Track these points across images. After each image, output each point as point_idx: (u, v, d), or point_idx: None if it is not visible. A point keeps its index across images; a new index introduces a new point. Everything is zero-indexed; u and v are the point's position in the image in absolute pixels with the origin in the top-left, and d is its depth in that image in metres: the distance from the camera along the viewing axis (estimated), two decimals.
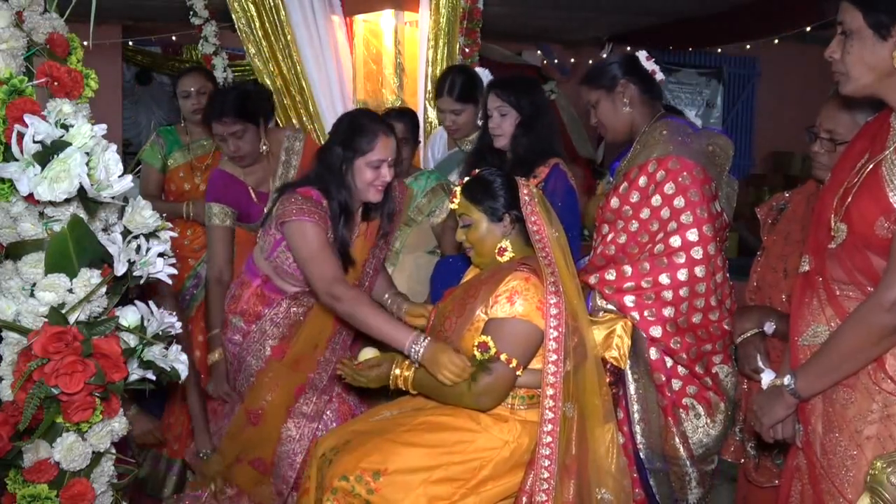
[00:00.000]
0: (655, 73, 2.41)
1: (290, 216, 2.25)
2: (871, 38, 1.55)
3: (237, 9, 4.04)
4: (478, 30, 4.13)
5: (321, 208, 2.29)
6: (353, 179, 2.32)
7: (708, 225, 2.19)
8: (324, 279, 2.22)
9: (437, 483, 1.96)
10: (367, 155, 2.29)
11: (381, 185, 2.33)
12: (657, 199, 2.22)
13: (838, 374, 1.61)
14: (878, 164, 1.56)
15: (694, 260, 2.18)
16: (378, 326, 2.13)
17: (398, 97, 4.12)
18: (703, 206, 2.20)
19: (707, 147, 2.30)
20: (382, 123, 2.36)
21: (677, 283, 2.18)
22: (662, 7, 6.20)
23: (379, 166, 2.31)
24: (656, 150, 2.26)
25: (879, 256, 1.55)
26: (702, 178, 2.22)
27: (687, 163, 2.22)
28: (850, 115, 1.96)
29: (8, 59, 1.50)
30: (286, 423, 2.42)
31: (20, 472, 1.55)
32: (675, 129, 2.30)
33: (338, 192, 2.31)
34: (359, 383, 2.17)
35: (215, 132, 2.77)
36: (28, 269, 1.51)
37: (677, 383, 2.24)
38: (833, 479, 1.61)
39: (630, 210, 2.27)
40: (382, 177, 2.31)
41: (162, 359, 1.66)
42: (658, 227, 2.22)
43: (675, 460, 2.25)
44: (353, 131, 2.32)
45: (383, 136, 2.31)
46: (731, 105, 8.98)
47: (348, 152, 2.30)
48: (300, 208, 2.25)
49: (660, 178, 2.23)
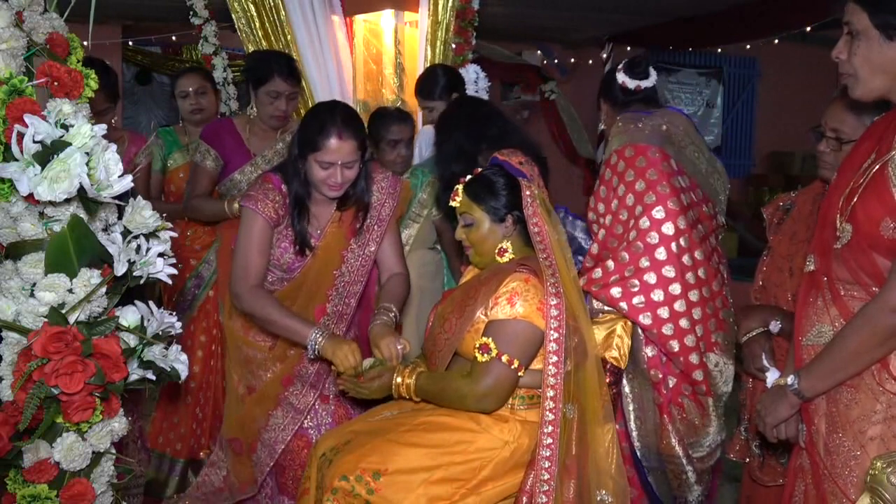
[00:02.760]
0: (626, 83, 2.49)
1: (244, 199, 2.33)
2: (878, 38, 1.55)
3: (237, 9, 4.04)
4: (470, 29, 4.12)
5: (278, 194, 2.32)
6: (308, 172, 2.29)
7: (672, 199, 2.23)
8: (235, 274, 2.31)
9: (438, 483, 1.96)
10: (316, 154, 2.24)
11: (333, 184, 2.27)
12: (622, 189, 2.29)
13: (842, 374, 1.60)
14: (884, 164, 1.55)
15: (667, 236, 2.21)
16: (279, 321, 2.24)
17: (398, 97, 4.12)
18: (664, 181, 2.25)
19: (661, 127, 2.36)
20: (341, 125, 2.23)
21: (658, 263, 2.20)
22: (662, 7, 6.20)
23: (328, 167, 2.24)
24: (614, 143, 2.36)
25: (884, 257, 1.55)
26: (658, 157, 2.28)
27: (640, 147, 2.30)
28: (856, 114, 1.97)
29: (8, 59, 1.49)
30: (275, 410, 2.41)
31: (20, 472, 1.55)
32: (627, 119, 2.40)
33: (291, 183, 2.32)
34: (362, 395, 2.17)
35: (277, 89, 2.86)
36: (28, 269, 1.50)
37: (672, 381, 2.24)
38: (836, 479, 1.60)
39: (603, 206, 2.34)
40: (333, 177, 2.25)
41: (162, 359, 1.66)
42: (627, 215, 2.27)
43: (672, 458, 2.26)
44: (311, 124, 2.28)
45: (335, 139, 2.21)
46: (731, 105, 8.98)
47: (303, 147, 2.27)
48: (253, 195, 2.32)
49: (620, 168, 2.31)
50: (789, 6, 5.66)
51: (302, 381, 2.40)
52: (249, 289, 2.29)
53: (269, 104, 2.89)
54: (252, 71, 2.92)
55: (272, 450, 2.39)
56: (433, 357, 2.13)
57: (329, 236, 2.40)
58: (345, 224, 2.43)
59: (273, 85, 2.86)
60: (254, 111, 2.96)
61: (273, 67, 2.87)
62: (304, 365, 2.40)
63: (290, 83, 2.89)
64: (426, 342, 2.23)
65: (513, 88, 8.36)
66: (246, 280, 2.29)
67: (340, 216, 2.42)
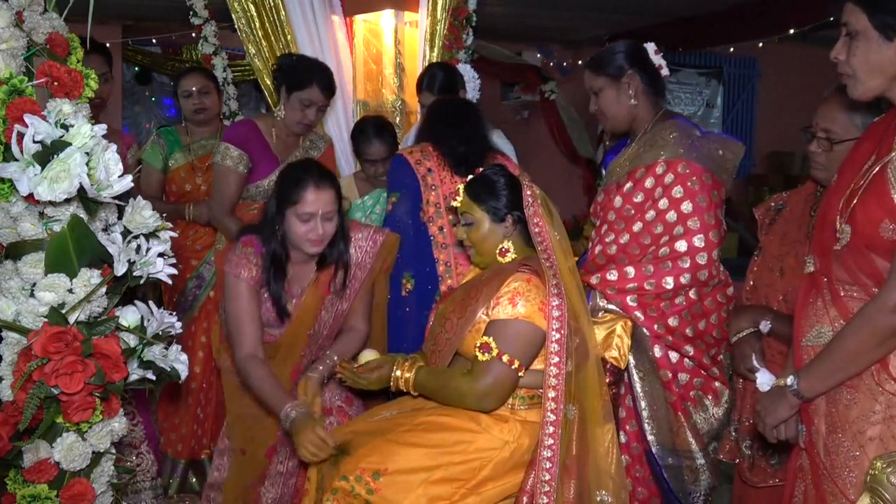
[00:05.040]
0: (662, 68, 2.36)
1: (226, 266, 2.31)
2: (877, 39, 1.55)
3: (237, 9, 4.04)
4: (461, 28, 4.12)
5: (259, 257, 2.30)
6: (287, 230, 2.27)
7: (714, 231, 2.19)
8: (233, 345, 2.30)
9: (437, 483, 1.95)
10: (296, 207, 2.23)
11: (315, 238, 2.25)
12: (664, 203, 2.20)
13: (841, 374, 1.60)
14: (884, 166, 1.55)
15: (698, 265, 2.17)
16: (263, 394, 2.22)
17: (398, 97, 4.12)
18: (711, 212, 2.19)
19: (717, 152, 2.27)
20: (316, 175, 2.25)
21: (679, 286, 2.18)
22: (662, 7, 6.20)
23: (308, 220, 2.23)
24: (665, 152, 2.23)
25: (883, 258, 1.55)
26: (710, 183, 2.21)
27: (697, 167, 2.20)
28: (847, 114, 1.96)
29: (8, 59, 1.49)
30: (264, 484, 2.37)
31: (20, 472, 1.55)
32: (684, 130, 2.27)
33: (268, 243, 2.29)
34: (360, 386, 2.17)
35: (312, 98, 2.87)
36: (28, 269, 1.50)
37: (684, 377, 2.22)
38: (836, 479, 1.60)
39: (633, 210, 2.26)
40: (314, 230, 2.23)
41: (162, 359, 1.66)
42: (663, 229, 2.20)
43: (689, 454, 2.24)
44: (286, 179, 2.29)
45: (313, 188, 2.22)
46: (731, 105, 8.99)
47: (281, 203, 2.26)
48: (234, 260, 2.29)
49: (668, 181, 2.20)
50: (789, 6, 5.66)
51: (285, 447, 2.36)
52: (244, 358, 2.26)
53: (300, 111, 2.88)
54: (290, 74, 2.88)
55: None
56: (433, 356, 2.13)
57: (308, 297, 2.38)
58: (322, 284, 2.39)
59: (309, 94, 2.85)
60: (281, 113, 2.93)
61: (314, 77, 2.87)
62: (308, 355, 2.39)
63: (325, 95, 2.90)
64: (426, 341, 2.23)
65: (513, 88, 8.36)
66: (241, 349, 2.27)
67: (318, 277, 2.39)
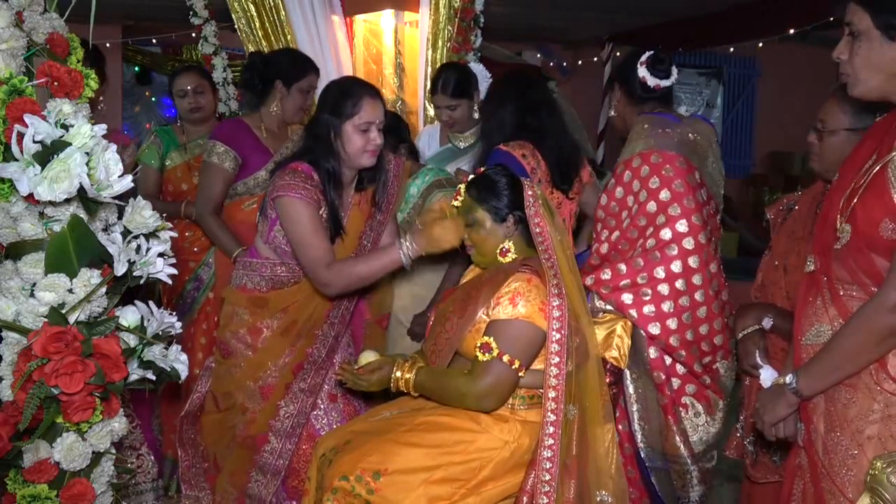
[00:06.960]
0: (647, 80, 2.39)
1: (280, 191, 2.28)
2: (879, 39, 1.55)
3: (237, 9, 4.05)
4: (467, 28, 4.11)
5: (311, 182, 2.29)
6: (342, 146, 2.31)
7: (696, 214, 2.22)
8: (311, 266, 2.28)
9: (438, 483, 1.95)
10: (354, 118, 2.28)
11: (372, 148, 2.31)
12: (643, 195, 2.25)
13: (840, 373, 1.61)
14: (884, 165, 1.55)
15: (686, 250, 2.20)
16: (370, 272, 2.26)
17: (398, 97, 4.12)
18: (690, 195, 2.22)
19: (688, 136, 2.33)
20: (368, 87, 2.36)
21: (672, 276, 2.19)
22: (662, 7, 6.19)
23: (367, 129, 2.29)
24: (639, 146, 2.30)
25: (883, 258, 1.55)
26: (685, 168, 2.25)
27: (668, 155, 2.25)
28: (840, 106, 2.00)
29: (8, 59, 1.50)
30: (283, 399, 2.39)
31: (20, 472, 1.55)
32: (654, 122, 2.34)
33: (326, 161, 2.31)
34: (360, 387, 2.17)
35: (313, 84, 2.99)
36: (28, 269, 1.51)
37: (676, 382, 2.24)
38: (834, 477, 1.61)
39: (617, 206, 2.31)
40: (372, 140, 2.30)
41: (162, 359, 1.66)
42: (646, 221, 2.24)
43: (676, 458, 2.26)
44: (338, 96, 2.32)
45: (369, 98, 2.30)
46: (731, 105, 8.99)
47: (335, 118, 2.30)
48: (289, 183, 2.27)
49: (644, 173, 2.26)
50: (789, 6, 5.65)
51: (312, 363, 2.39)
52: (328, 271, 2.26)
53: (303, 98, 3.00)
54: (287, 68, 2.98)
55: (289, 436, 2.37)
56: (433, 356, 2.13)
57: (351, 219, 2.43)
58: (363, 205, 2.47)
59: (309, 80, 2.99)
60: (277, 109, 2.98)
61: (307, 64, 3.03)
62: (317, 347, 2.40)
63: (317, 78, 3.05)
64: (426, 341, 2.23)
65: None
66: (320, 267, 2.26)
67: (360, 197, 2.46)
